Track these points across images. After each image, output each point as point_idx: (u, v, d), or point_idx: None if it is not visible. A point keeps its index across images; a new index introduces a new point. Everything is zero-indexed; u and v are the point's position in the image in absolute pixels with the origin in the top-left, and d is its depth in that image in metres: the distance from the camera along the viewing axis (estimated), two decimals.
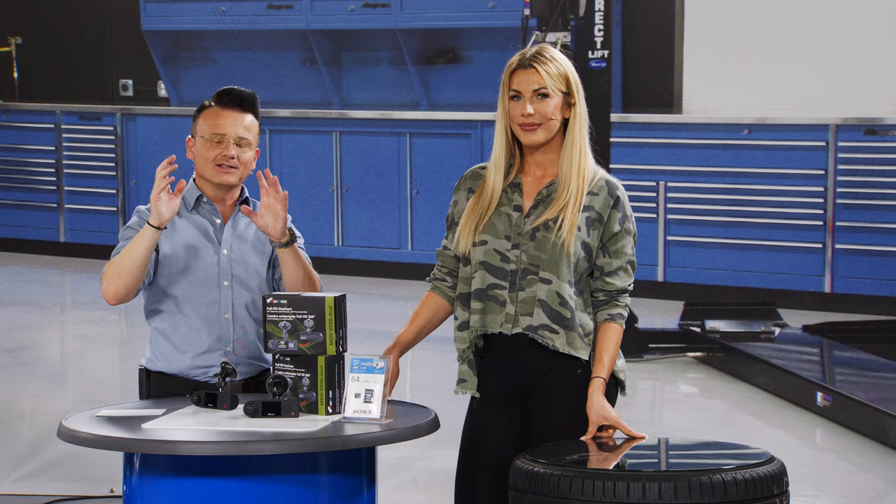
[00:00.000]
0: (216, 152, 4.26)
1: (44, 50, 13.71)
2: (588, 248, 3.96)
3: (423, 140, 11.57)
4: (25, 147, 13.37)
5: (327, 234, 11.68)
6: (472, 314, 4.00)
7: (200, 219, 4.33)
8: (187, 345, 4.27)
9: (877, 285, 9.91)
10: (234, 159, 4.25)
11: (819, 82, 10.35)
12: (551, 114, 3.96)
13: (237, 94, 4.30)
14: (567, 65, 4.02)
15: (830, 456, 7.12)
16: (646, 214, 10.50)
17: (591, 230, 3.96)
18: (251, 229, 4.35)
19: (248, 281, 4.30)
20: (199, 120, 4.31)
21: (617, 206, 3.98)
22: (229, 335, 4.28)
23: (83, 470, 6.41)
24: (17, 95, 13.71)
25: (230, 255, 4.31)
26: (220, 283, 4.28)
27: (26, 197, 13.34)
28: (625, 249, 3.99)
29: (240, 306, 4.28)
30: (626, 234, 3.99)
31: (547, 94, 3.96)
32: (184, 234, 4.30)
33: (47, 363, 9.31)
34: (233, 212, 4.35)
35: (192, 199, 4.33)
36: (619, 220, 3.98)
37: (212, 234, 4.32)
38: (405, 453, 6.13)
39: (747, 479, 3.53)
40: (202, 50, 12.80)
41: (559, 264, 3.93)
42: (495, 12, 11.21)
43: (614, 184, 4.00)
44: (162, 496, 3.74)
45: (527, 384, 4.02)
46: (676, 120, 10.72)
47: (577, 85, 4.01)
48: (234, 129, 4.26)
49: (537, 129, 3.96)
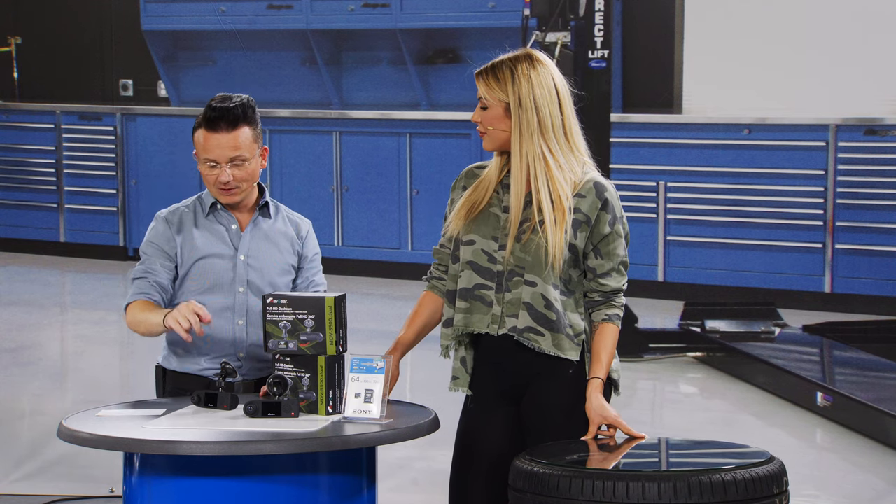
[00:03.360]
0: (214, 175, 4.24)
1: (44, 50, 13.71)
2: (575, 250, 3.96)
3: (423, 140, 11.57)
4: (25, 147, 13.37)
5: (327, 234, 11.68)
6: (457, 313, 4.01)
7: (217, 224, 4.32)
8: (200, 349, 4.27)
9: (877, 285, 9.90)
10: (231, 181, 4.23)
11: (819, 82, 10.35)
12: (489, 123, 3.99)
13: (223, 112, 4.20)
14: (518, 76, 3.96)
15: (830, 456, 7.12)
16: (646, 214, 10.50)
17: (577, 232, 3.96)
18: (271, 235, 4.33)
19: (264, 288, 4.29)
20: (195, 137, 4.25)
21: (606, 209, 3.97)
22: (242, 340, 4.28)
23: (83, 470, 6.41)
24: (17, 95, 13.71)
25: (247, 261, 4.30)
26: (235, 289, 4.28)
27: (26, 197, 13.33)
28: (617, 251, 4.00)
29: (254, 313, 4.26)
30: (616, 235, 3.99)
31: (485, 104, 3.99)
32: (199, 241, 4.28)
33: (47, 363, 9.31)
34: (252, 216, 4.34)
35: (206, 205, 4.33)
36: (609, 222, 3.98)
37: (228, 239, 4.31)
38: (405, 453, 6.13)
39: (747, 478, 3.53)
40: (202, 50, 12.80)
41: (543, 267, 3.93)
42: (495, 12, 11.21)
43: (602, 185, 3.99)
44: (162, 496, 3.74)
45: (519, 384, 4.02)
46: (676, 120, 10.72)
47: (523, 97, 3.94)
48: (225, 153, 4.20)
49: (484, 137, 4.02)
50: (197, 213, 4.32)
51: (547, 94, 3.96)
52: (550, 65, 4.02)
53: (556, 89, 3.98)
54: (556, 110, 3.96)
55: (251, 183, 4.29)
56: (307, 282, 4.38)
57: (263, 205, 4.35)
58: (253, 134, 4.26)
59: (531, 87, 3.95)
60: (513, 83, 3.96)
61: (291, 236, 4.37)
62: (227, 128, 4.20)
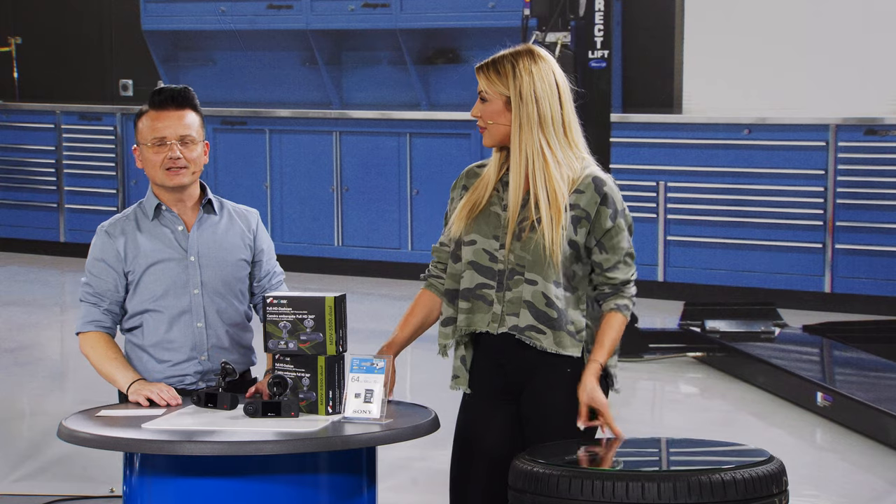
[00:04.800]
0: (162, 156, 4.21)
1: (44, 50, 13.71)
2: (576, 245, 3.96)
3: (423, 140, 11.56)
4: (25, 147, 13.37)
5: (327, 234, 11.67)
6: (460, 313, 4.02)
7: (162, 228, 4.26)
8: (162, 356, 4.24)
9: (877, 285, 9.91)
10: (181, 159, 4.20)
11: (819, 82, 10.35)
12: (489, 117, 4.00)
13: (169, 93, 4.23)
14: (519, 70, 3.98)
15: (830, 456, 7.12)
16: (646, 214, 10.50)
17: (577, 228, 3.96)
18: (220, 231, 4.29)
19: (219, 286, 4.25)
20: (139, 126, 4.24)
21: (606, 203, 3.97)
22: (203, 343, 4.24)
23: (83, 470, 6.40)
24: (17, 95, 13.71)
25: (198, 261, 4.25)
26: (189, 291, 4.24)
27: (26, 197, 13.34)
28: (621, 244, 4.00)
29: (212, 313, 4.24)
30: (619, 229, 3.99)
31: (486, 98, 4.01)
32: (147, 248, 4.23)
33: (47, 363, 9.31)
34: (196, 215, 4.29)
35: (150, 208, 4.26)
36: (611, 216, 3.97)
37: (175, 242, 4.25)
38: (405, 453, 6.13)
39: (746, 478, 3.53)
40: (202, 50, 12.80)
41: (543, 265, 3.94)
42: (495, 12, 11.21)
43: (601, 180, 3.99)
44: (162, 496, 3.74)
45: (518, 382, 4.02)
46: (676, 120, 10.72)
47: (523, 91, 3.96)
48: (175, 130, 4.20)
49: (484, 132, 4.03)
50: (140, 220, 4.26)
51: (548, 88, 3.97)
52: (551, 60, 4.03)
53: (556, 84, 3.99)
54: (556, 105, 3.97)
55: (197, 173, 4.25)
56: (269, 274, 4.35)
57: (207, 202, 4.31)
58: (199, 120, 4.27)
59: (532, 81, 3.96)
60: (514, 77, 3.97)
61: (241, 230, 4.32)
62: (176, 107, 4.22)
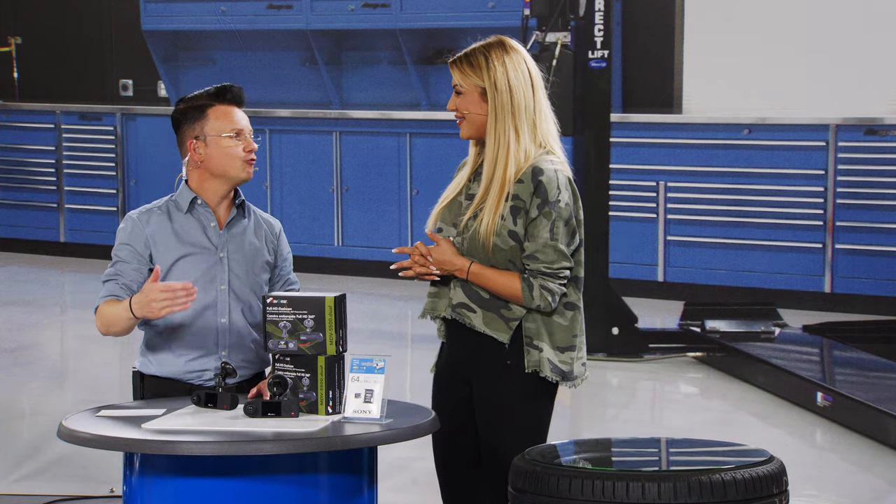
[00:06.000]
0: (241, 147, 4.25)
1: (44, 50, 13.72)
2: (516, 236, 4.04)
3: (422, 140, 11.57)
4: (25, 147, 13.37)
5: (327, 234, 11.67)
6: (428, 297, 4.17)
7: (195, 221, 4.28)
8: (181, 349, 4.25)
9: (877, 285, 9.91)
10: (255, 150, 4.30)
11: (819, 82, 10.36)
12: (465, 108, 4.10)
13: (237, 91, 4.31)
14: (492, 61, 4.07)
15: (830, 456, 7.12)
16: (646, 214, 10.51)
17: (517, 219, 4.04)
18: (248, 233, 4.33)
19: (244, 285, 4.28)
20: (209, 120, 4.24)
21: (537, 192, 4.03)
22: (225, 339, 4.26)
23: (83, 470, 6.40)
24: (17, 95, 13.72)
25: (227, 257, 4.28)
26: (216, 286, 4.26)
27: (26, 197, 13.34)
28: (542, 234, 4.03)
29: (236, 310, 4.26)
30: (543, 217, 4.03)
31: (461, 91, 4.11)
32: (179, 239, 4.25)
33: (47, 363, 9.31)
34: (229, 215, 4.32)
35: (186, 202, 4.28)
36: (538, 206, 4.03)
37: (208, 237, 4.27)
38: (405, 453, 6.12)
39: (747, 478, 3.53)
40: (202, 50, 12.80)
41: (478, 250, 4.05)
42: (495, 12, 11.22)
43: (540, 170, 4.05)
44: (162, 496, 3.74)
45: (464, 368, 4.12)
46: (676, 120, 10.72)
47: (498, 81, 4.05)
48: (247, 123, 4.29)
49: (462, 123, 4.13)
50: (172, 213, 4.27)
51: (521, 77, 4.07)
52: (523, 51, 4.13)
53: (529, 73, 4.09)
54: (529, 94, 4.08)
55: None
56: (283, 280, 4.38)
57: (241, 203, 4.34)
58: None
59: (506, 71, 4.06)
60: (487, 68, 4.08)
61: (266, 234, 4.37)
62: (240, 104, 4.31)
